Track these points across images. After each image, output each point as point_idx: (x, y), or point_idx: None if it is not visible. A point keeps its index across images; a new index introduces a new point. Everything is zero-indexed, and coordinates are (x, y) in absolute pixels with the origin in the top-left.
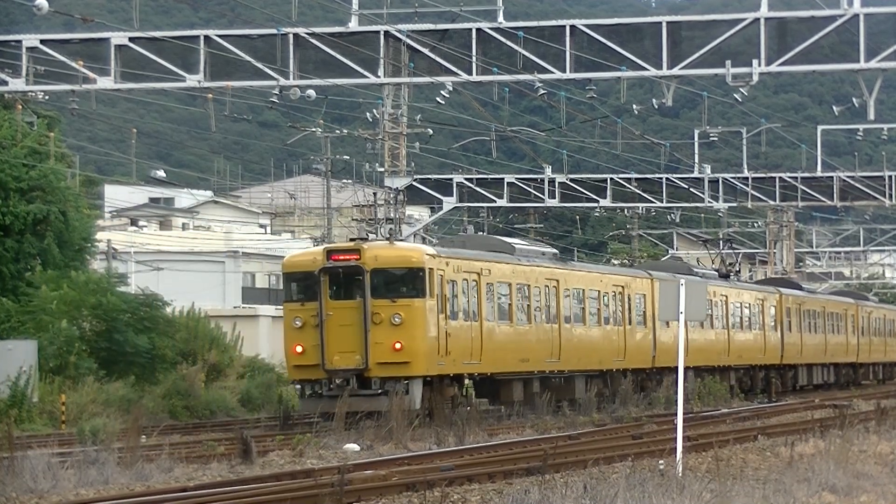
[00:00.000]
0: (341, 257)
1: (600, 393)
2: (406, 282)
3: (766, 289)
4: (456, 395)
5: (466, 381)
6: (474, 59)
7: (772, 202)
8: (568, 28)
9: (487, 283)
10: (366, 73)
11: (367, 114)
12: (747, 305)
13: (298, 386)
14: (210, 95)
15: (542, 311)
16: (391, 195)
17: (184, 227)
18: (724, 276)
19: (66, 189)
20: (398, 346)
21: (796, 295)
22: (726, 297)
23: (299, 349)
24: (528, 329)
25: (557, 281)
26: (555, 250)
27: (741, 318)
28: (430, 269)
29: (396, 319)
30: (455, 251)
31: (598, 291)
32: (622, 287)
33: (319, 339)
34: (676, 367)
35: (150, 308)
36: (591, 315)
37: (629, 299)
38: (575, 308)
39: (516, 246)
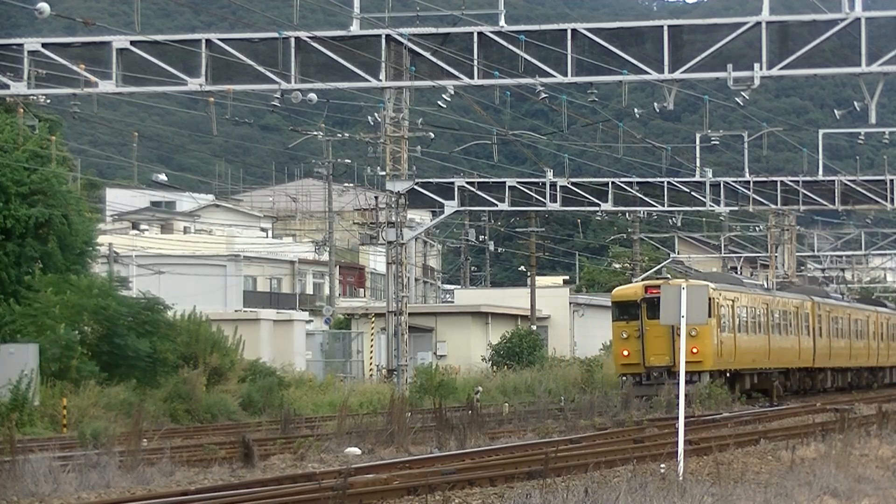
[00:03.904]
0: (655, 291)
1: (782, 384)
2: None
3: (868, 307)
4: (724, 383)
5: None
6: (475, 62)
7: (773, 206)
8: (569, 32)
9: (737, 307)
10: (367, 76)
11: (369, 117)
12: (863, 321)
13: (625, 377)
14: (211, 99)
15: (761, 325)
16: (392, 199)
17: (185, 230)
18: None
19: (67, 193)
20: (695, 350)
21: (887, 312)
22: (849, 314)
23: (626, 353)
24: (755, 338)
25: (767, 304)
26: (762, 281)
27: (857, 329)
28: (713, 298)
29: (693, 333)
30: (722, 285)
31: (787, 311)
32: (797, 307)
33: (640, 346)
34: (829, 368)
35: (152, 312)
36: (782, 327)
37: (800, 316)
38: (774, 322)
39: (744, 280)
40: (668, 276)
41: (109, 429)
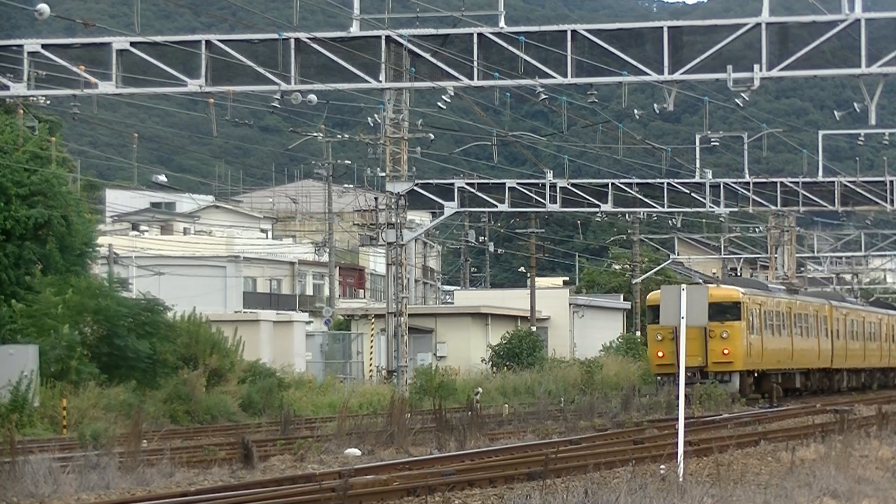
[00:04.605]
0: None
1: (804, 384)
2: (730, 310)
3: (881, 311)
4: (752, 383)
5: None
6: (475, 63)
7: (773, 207)
8: (569, 33)
9: (764, 311)
10: (367, 77)
11: (369, 118)
12: (875, 324)
13: (660, 377)
14: (211, 100)
15: (785, 328)
16: (392, 200)
17: (185, 231)
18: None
19: (67, 194)
20: (726, 351)
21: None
22: (864, 318)
23: (660, 354)
24: (780, 340)
25: (790, 307)
26: (783, 286)
27: (871, 332)
28: (743, 302)
29: (724, 335)
30: (751, 290)
31: (808, 314)
32: (816, 311)
33: (675, 348)
34: (845, 369)
35: (152, 313)
36: (803, 329)
37: (819, 319)
38: (796, 325)
39: (769, 285)
40: (700, 280)
41: (109, 430)
